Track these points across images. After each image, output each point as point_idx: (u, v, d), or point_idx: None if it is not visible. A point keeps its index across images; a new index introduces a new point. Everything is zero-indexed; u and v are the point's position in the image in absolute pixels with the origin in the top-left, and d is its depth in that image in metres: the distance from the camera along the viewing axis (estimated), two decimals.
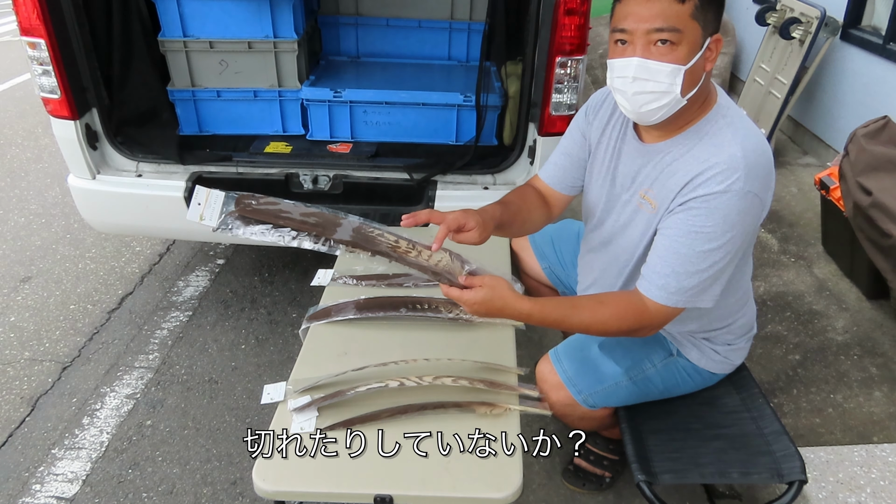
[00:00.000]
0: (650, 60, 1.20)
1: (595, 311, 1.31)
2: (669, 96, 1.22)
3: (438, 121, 2.60)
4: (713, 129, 1.28)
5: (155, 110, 2.56)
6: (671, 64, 1.19)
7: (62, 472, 1.95)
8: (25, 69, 6.00)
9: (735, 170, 1.20)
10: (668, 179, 1.30)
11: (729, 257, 1.26)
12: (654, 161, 1.35)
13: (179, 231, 2.46)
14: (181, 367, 2.36)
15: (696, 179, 1.24)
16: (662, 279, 1.27)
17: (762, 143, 1.26)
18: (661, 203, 1.32)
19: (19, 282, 2.87)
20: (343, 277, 1.77)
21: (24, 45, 2.06)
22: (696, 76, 1.22)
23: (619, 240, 1.47)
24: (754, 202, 1.23)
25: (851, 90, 3.63)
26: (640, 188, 1.38)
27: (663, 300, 1.28)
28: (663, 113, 1.25)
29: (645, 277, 1.31)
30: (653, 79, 1.21)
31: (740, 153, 1.21)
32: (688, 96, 1.23)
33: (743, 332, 1.55)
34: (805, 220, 3.30)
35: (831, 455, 1.66)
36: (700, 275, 1.25)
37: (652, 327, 1.33)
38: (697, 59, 1.20)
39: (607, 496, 1.85)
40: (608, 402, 1.54)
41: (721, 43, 1.24)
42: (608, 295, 1.41)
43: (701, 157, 1.25)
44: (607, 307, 1.32)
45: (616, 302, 1.33)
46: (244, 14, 2.47)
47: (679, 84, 1.20)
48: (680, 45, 1.18)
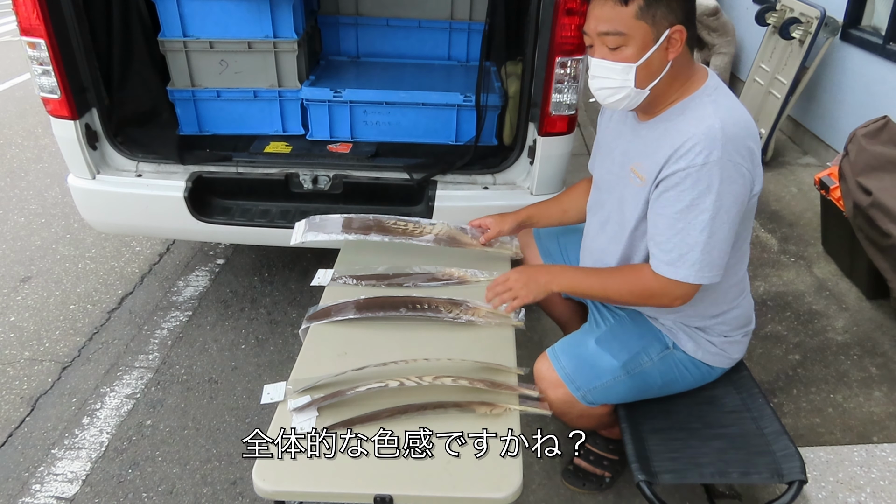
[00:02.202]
0: (603, 60, 1.33)
1: (611, 277, 1.49)
2: (625, 90, 1.33)
3: (438, 121, 2.60)
4: (697, 105, 1.35)
5: (155, 110, 2.56)
6: (621, 63, 1.31)
7: (62, 472, 1.95)
8: (25, 69, 6.00)
9: (713, 140, 1.27)
10: (655, 153, 1.37)
11: (725, 226, 1.31)
12: (643, 137, 1.43)
13: (179, 231, 2.46)
14: (181, 367, 2.36)
15: (678, 151, 1.31)
16: (664, 254, 1.36)
17: (744, 119, 1.33)
18: (648, 176, 1.39)
19: (19, 282, 2.87)
20: (343, 277, 1.77)
21: (24, 45, 2.06)
22: (654, 68, 1.32)
23: (616, 216, 1.53)
24: (738, 170, 1.28)
25: (851, 90, 3.63)
26: (630, 162, 1.45)
27: (670, 274, 1.36)
28: (627, 103, 1.37)
29: (653, 255, 1.40)
30: (607, 76, 1.34)
31: (718, 125, 1.28)
32: (650, 86, 1.33)
33: (739, 324, 1.56)
34: (805, 220, 3.30)
35: (831, 455, 1.66)
36: (700, 246, 1.32)
37: (668, 297, 1.41)
38: (651, 53, 1.29)
39: (607, 496, 1.85)
40: (607, 398, 1.54)
41: (684, 33, 1.30)
42: (622, 266, 1.53)
43: (682, 130, 1.32)
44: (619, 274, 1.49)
45: (628, 270, 1.51)
46: (244, 14, 2.47)
47: (632, 79, 1.31)
48: (627, 46, 1.30)
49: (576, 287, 1.53)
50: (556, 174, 2.22)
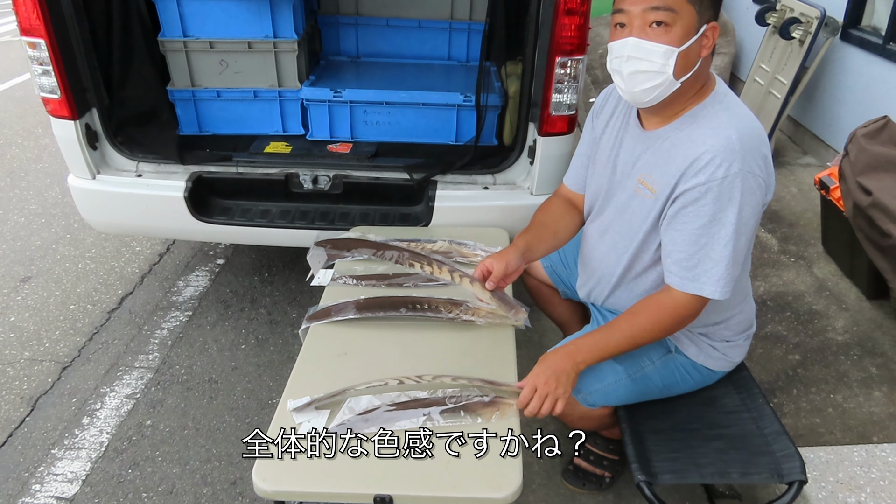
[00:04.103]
0: (645, 41, 1.24)
1: (632, 323, 1.38)
2: (662, 76, 1.26)
3: (438, 121, 2.60)
4: (710, 114, 1.31)
5: (155, 110, 2.56)
6: (665, 45, 1.23)
7: (62, 472, 1.95)
8: (25, 69, 6.00)
9: (732, 153, 1.24)
10: (668, 165, 1.33)
11: (744, 238, 1.30)
12: (653, 147, 1.38)
13: (179, 231, 2.45)
14: (181, 367, 2.36)
15: (696, 164, 1.27)
16: (689, 271, 1.31)
17: (756, 127, 1.30)
18: (661, 189, 1.34)
19: (19, 282, 2.87)
20: (343, 277, 1.78)
21: (24, 45, 2.06)
22: (691, 60, 1.26)
23: (617, 226, 1.49)
24: (756, 181, 1.26)
25: (851, 90, 3.63)
26: (639, 174, 1.41)
27: (693, 290, 1.32)
28: (657, 94, 1.29)
29: (673, 273, 1.35)
30: (647, 58, 1.25)
31: (736, 136, 1.25)
32: (682, 79, 1.27)
33: (741, 329, 1.56)
34: (805, 220, 3.30)
35: (831, 455, 1.66)
36: (725, 261, 1.29)
37: (690, 318, 1.37)
38: (692, 43, 1.24)
39: (607, 496, 1.85)
40: (607, 400, 1.54)
41: (717, 31, 1.27)
42: (637, 305, 1.43)
43: (698, 141, 1.28)
44: (642, 315, 1.38)
45: (648, 308, 1.38)
46: (244, 14, 2.47)
47: (672, 65, 1.24)
48: (674, 27, 1.23)
49: (603, 355, 1.41)
50: (556, 174, 2.21)
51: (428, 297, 1.65)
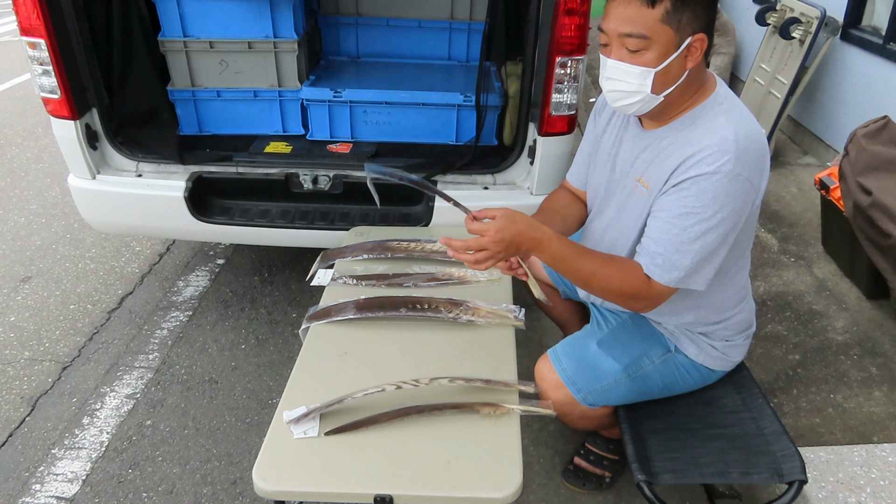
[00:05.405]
0: (621, 63, 1.26)
1: (605, 264, 1.35)
2: (640, 95, 1.28)
3: (438, 121, 2.60)
4: (709, 115, 1.31)
5: (155, 110, 2.56)
6: (640, 67, 1.24)
7: (62, 471, 1.95)
8: (25, 69, 6.01)
9: (725, 152, 1.23)
10: (663, 162, 1.33)
11: (720, 239, 1.28)
12: (651, 146, 1.39)
13: (179, 231, 2.46)
14: (181, 367, 2.36)
15: (688, 161, 1.27)
16: (657, 257, 1.31)
17: (756, 131, 1.29)
18: (654, 185, 1.35)
19: (19, 282, 2.87)
20: (343, 277, 1.78)
21: (24, 45, 2.06)
22: (671, 76, 1.26)
23: (616, 224, 1.50)
24: (745, 186, 1.25)
25: (851, 90, 3.63)
26: (637, 173, 1.41)
27: (657, 276, 1.32)
28: (638, 108, 1.31)
29: (640, 254, 1.35)
30: (623, 79, 1.27)
31: (732, 136, 1.24)
32: (664, 93, 1.28)
33: (741, 328, 1.56)
34: (805, 220, 3.30)
35: (831, 455, 1.66)
36: (692, 255, 1.28)
37: (648, 300, 1.36)
38: (672, 60, 1.24)
39: (607, 496, 1.85)
40: (607, 400, 1.54)
41: (705, 42, 1.27)
42: (618, 257, 1.42)
43: (694, 140, 1.28)
44: (615, 266, 1.36)
45: (624, 265, 1.37)
46: (244, 14, 2.47)
47: (649, 84, 1.26)
48: (648, 50, 1.23)
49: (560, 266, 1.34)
50: (556, 174, 2.22)
51: (428, 297, 1.65)
